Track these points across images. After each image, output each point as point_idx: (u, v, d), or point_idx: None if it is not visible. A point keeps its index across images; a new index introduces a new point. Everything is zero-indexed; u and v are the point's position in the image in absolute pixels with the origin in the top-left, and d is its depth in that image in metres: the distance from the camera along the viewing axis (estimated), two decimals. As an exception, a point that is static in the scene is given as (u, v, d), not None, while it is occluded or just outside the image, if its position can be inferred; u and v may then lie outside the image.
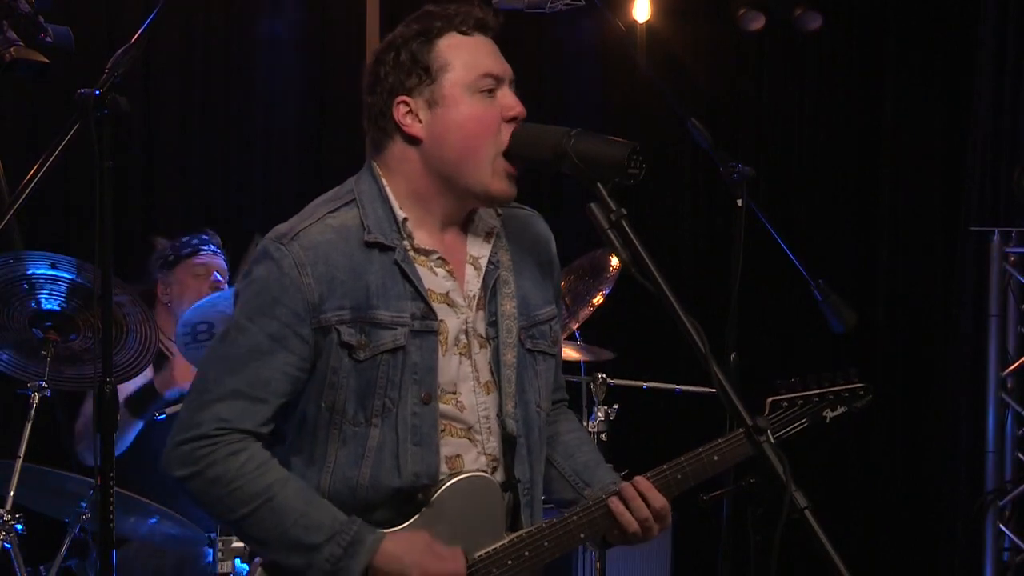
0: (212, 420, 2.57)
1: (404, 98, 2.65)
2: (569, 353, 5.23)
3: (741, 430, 2.47)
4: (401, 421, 2.61)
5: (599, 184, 2.52)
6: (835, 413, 3.05)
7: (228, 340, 2.61)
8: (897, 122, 7.36)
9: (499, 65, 2.68)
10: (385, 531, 2.59)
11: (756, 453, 2.34)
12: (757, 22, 6.94)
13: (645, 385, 5.33)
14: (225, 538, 4.00)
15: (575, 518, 2.72)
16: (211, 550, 4.18)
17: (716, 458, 2.82)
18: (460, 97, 2.63)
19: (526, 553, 2.69)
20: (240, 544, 4.01)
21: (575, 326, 5.32)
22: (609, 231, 2.47)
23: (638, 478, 2.76)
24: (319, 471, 2.63)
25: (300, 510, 2.57)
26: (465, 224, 2.75)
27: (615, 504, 2.72)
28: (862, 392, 3.08)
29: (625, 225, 2.47)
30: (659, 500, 2.75)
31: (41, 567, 4.27)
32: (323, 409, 2.62)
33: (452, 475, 2.66)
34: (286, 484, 2.59)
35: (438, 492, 2.64)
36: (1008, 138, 6.78)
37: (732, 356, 4.06)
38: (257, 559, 2.70)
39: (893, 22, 7.33)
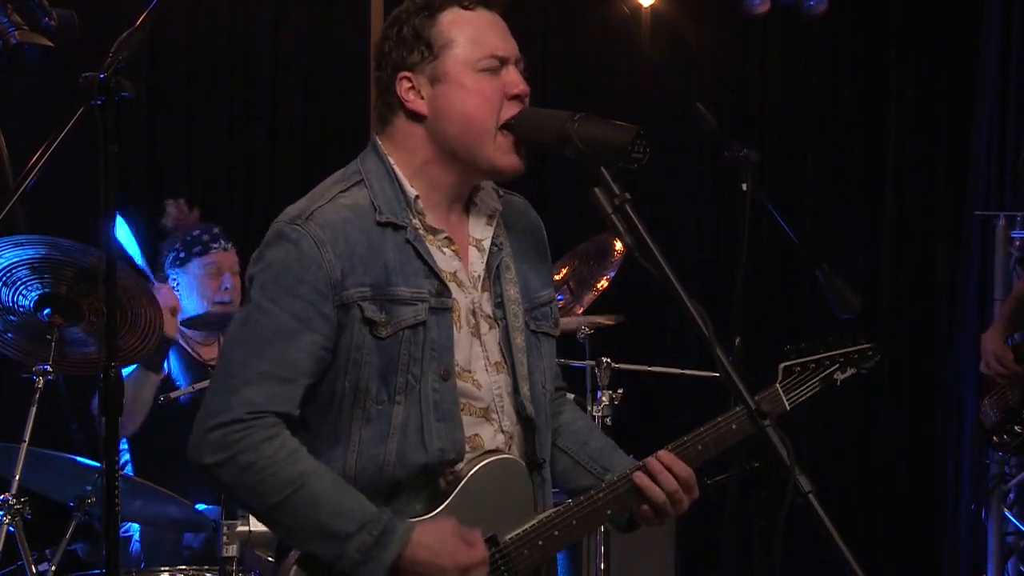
0: (242, 404, 2.55)
1: (407, 74, 2.65)
2: (572, 323, 5.21)
3: (740, 408, 2.48)
4: (424, 397, 2.61)
5: (603, 168, 2.52)
6: (845, 375, 3.07)
7: (251, 323, 2.59)
8: (902, 106, 7.35)
9: (505, 44, 2.68)
10: (414, 521, 2.58)
11: (760, 437, 2.34)
12: (762, 6, 6.92)
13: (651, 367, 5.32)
14: (230, 522, 3.99)
15: (601, 495, 2.73)
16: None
17: (735, 427, 2.84)
18: (462, 75, 2.63)
19: (555, 532, 2.70)
20: (245, 528, 4.00)
21: (579, 311, 5.31)
22: (613, 215, 2.47)
23: (661, 452, 2.77)
24: (344, 452, 2.62)
25: (332, 498, 2.55)
26: (467, 206, 2.76)
27: (640, 478, 2.73)
28: (871, 353, 3.09)
29: (629, 209, 2.47)
30: (685, 470, 2.76)
31: (46, 551, 4.27)
32: (347, 389, 2.61)
33: (479, 458, 2.66)
34: (318, 472, 2.57)
35: (467, 476, 2.64)
36: (1013, 123, 6.78)
37: (736, 340, 4.06)
38: (292, 556, 2.65)
39: (898, 6, 7.32)
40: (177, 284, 4.92)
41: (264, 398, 2.55)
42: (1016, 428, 5.03)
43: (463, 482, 2.65)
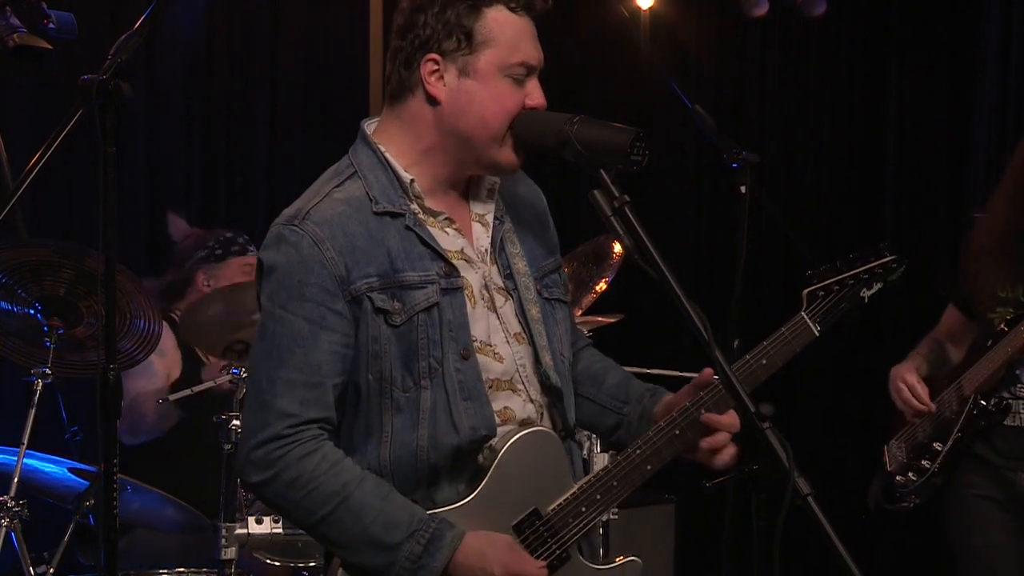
0: (279, 417, 2.55)
1: (435, 56, 2.63)
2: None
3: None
4: (447, 378, 2.61)
5: (602, 171, 2.52)
6: (871, 291, 2.96)
7: (267, 335, 2.58)
8: (901, 108, 7.35)
9: (537, 54, 2.67)
10: (464, 528, 2.57)
11: (760, 441, 2.34)
12: (761, 8, 6.93)
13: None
14: (229, 524, 4.00)
15: (638, 452, 2.72)
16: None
17: (791, 337, 2.84)
18: (493, 76, 2.62)
19: (598, 496, 2.69)
20: (244, 531, 4.00)
21: (578, 312, 5.31)
22: (612, 218, 2.47)
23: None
24: (378, 443, 2.61)
25: (378, 507, 2.55)
26: (466, 185, 2.76)
27: (708, 417, 2.70)
28: (895, 265, 2.98)
29: (628, 212, 2.47)
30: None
31: (45, 553, 4.27)
32: (372, 381, 2.60)
33: (511, 432, 2.66)
34: (362, 482, 2.57)
35: (500, 454, 2.63)
36: (1013, 124, 6.77)
37: (735, 343, 4.06)
38: (336, 560, 2.65)
39: (897, 7, 7.32)
40: (208, 282, 4.92)
41: (297, 406, 2.55)
42: (924, 463, 4.30)
43: (498, 458, 2.63)
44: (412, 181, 2.66)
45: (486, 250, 2.73)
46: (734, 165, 4.08)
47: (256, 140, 6.26)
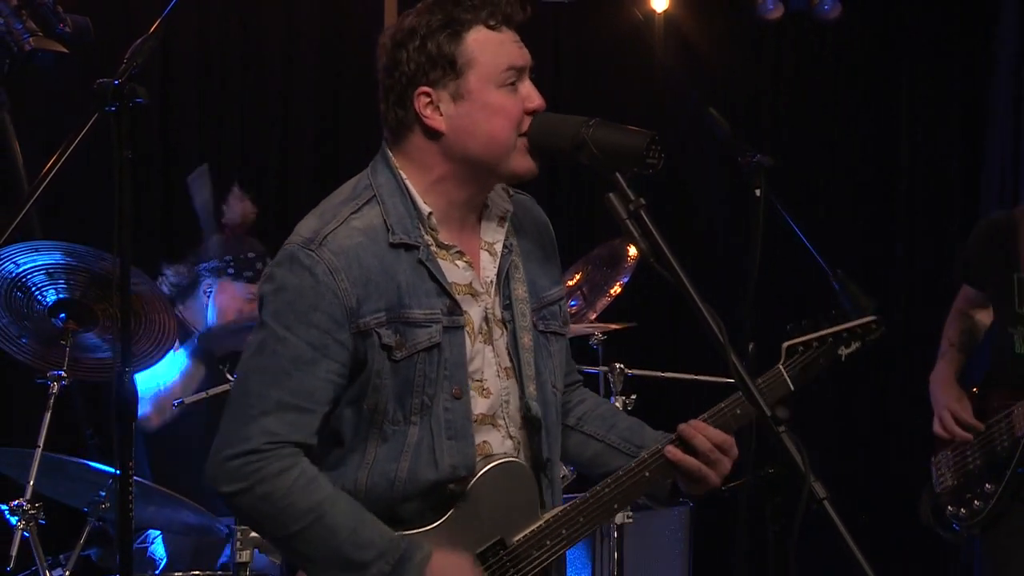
0: (261, 434, 2.54)
1: (426, 89, 2.62)
2: (583, 329, 5.20)
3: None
4: (435, 417, 2.62)
5: (617, 174, 2.52)
6: (850, 350, 3.03)
7: (267, 351, 2.57)
8: (915, 111, 7.34)
9: (522, 56, 2.66)
10: (432, 549, 2.59)
11: (775, 444, 2.33)
12: (775, 11, 6.92)
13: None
14: (243, 528, 4.00)
15: (607, 491, 2.75)
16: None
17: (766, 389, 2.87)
18: (485, 92, 2.61)
19: (563, 531, 2.71)
20: (258, 535, 4.00)
21: (592, 316, 5.31)
22: (628, 221, 2.47)
23: (692, 420, 2.78)
24: (358, 466, 2.63)
25: (350, 527, 2.56)
26: (480, 209, 2.75)
27: (672, 452, 2.75)
28: (874, 326, 3.05)
29: (643, 215, 2.47)
30: (718, 435, 2.77)
31: (61, 556, 4.28)
32: (365, 410, 2.61)
33: (484, 463, 2.67)
34: (336, 501, 2.58)
35: (472, 482, 2.65)
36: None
37: (750, 346, 4.05)
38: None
39: (912, 11, 7.31)
40: (211, 290, 4.91)
41: (284, 428, 2.55)
42: (976, 503, 4.22)
43: (469, 487, 2.65)
44: (430, 214, 2.65)
45: (491, 281, 2.72)
46: (750, 167, 4.06)
47: (270, 146, 6.27)
